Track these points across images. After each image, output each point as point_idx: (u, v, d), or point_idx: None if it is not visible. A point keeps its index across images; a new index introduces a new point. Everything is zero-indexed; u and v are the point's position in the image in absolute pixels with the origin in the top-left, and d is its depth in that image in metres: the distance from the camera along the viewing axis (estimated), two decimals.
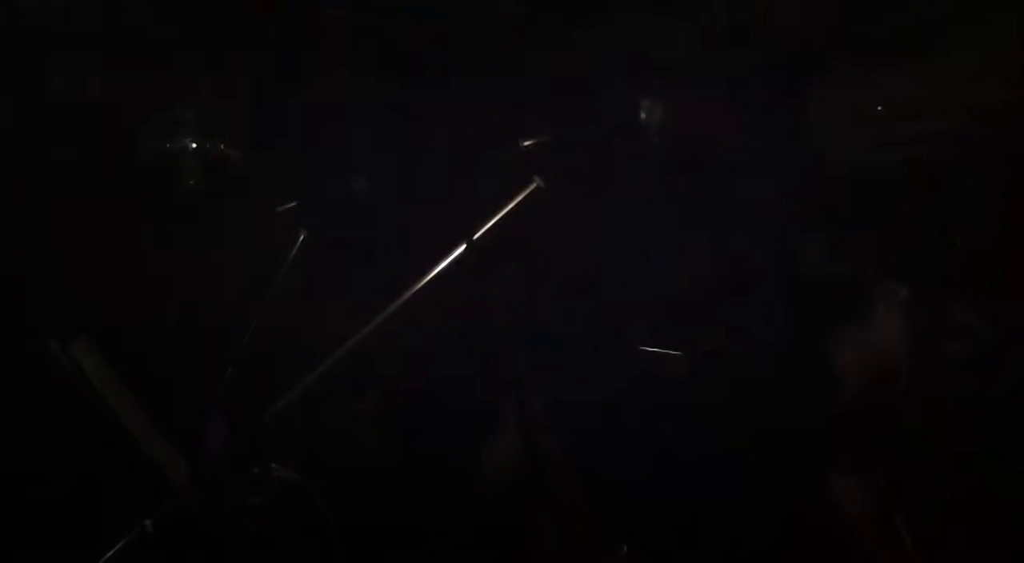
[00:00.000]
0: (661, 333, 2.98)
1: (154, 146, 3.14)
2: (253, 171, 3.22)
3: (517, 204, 2.41)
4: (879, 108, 3.26)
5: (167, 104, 3.16)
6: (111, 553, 2.26)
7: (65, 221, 2.96)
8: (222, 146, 3.18)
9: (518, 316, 3.15)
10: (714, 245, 3.27)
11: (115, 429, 2.31)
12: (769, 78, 3.27)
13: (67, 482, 2.48)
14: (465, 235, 2.37)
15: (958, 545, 2.43)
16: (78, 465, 2.46)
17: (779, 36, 3.25)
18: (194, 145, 3.14)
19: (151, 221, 3.10)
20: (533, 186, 2.42)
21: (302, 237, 2.76)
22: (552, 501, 2.77)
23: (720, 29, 3.26)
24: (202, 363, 2.74)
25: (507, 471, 2.81)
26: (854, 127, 3.33)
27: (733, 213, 3.27)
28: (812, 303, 2.90)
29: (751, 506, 2.69)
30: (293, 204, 3.00)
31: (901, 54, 3.22)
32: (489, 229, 2.39)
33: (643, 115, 2.83)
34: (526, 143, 2.60)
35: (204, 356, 2.77)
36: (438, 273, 2.36)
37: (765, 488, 2.69)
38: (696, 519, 2.76)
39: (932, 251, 3.04)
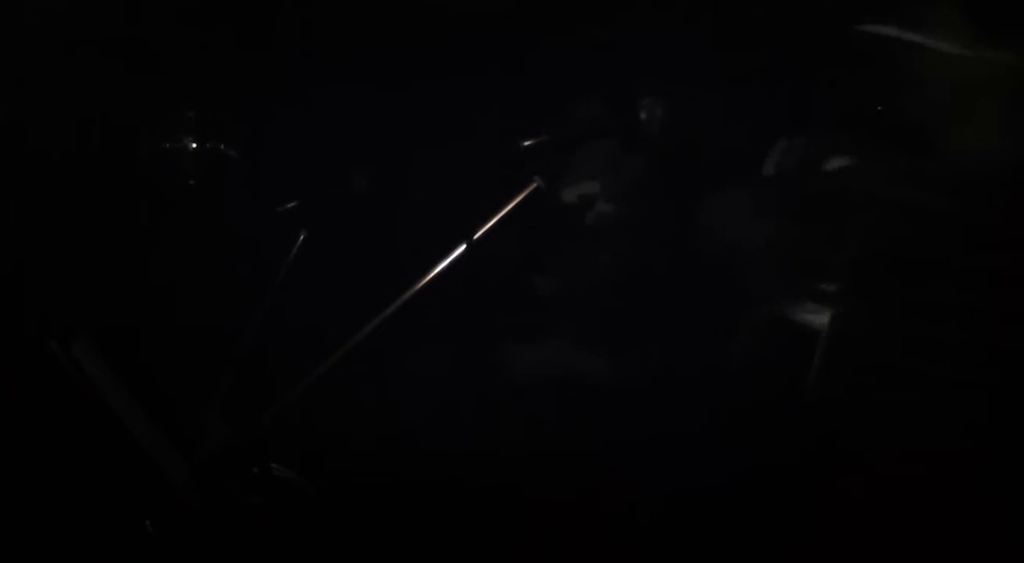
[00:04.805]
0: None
1: (154, 146, 3.14)
2: (253, 171, 3.22)
3: (517, 204, 2.42)
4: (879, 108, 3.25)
5: (167, 104, 3.16)
6: (111, 553, 2.26)
7: (65, 221, 2.96)
8: (222, 146, 3.18)
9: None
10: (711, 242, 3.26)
11: (115, 429, 2.32)
12: (769, 78, 3.27)
13: (67, 482, 2.48)
14: (465, 235, 2.37)
15: None
16: (78, 465, 2.45)
17: (779, 36, 3.25)
18: (194, 145, 3.14)
19: (151, 221, 3.10)
20: (533, 186, 2.43)
21: (302, 237, 2.76)
22: None
23: (721, 28, 3.26)
24: (202, 363, 2.74)
25: None
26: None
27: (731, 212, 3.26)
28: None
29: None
30: (293, 204, 3.00)
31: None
32: (489, 229, 2.40)
33: (643, 115, 2.84)
34: (526, 143, 2.60)
35: (204, 356, 2.77)
36: (438, 273, 2.37)
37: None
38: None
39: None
